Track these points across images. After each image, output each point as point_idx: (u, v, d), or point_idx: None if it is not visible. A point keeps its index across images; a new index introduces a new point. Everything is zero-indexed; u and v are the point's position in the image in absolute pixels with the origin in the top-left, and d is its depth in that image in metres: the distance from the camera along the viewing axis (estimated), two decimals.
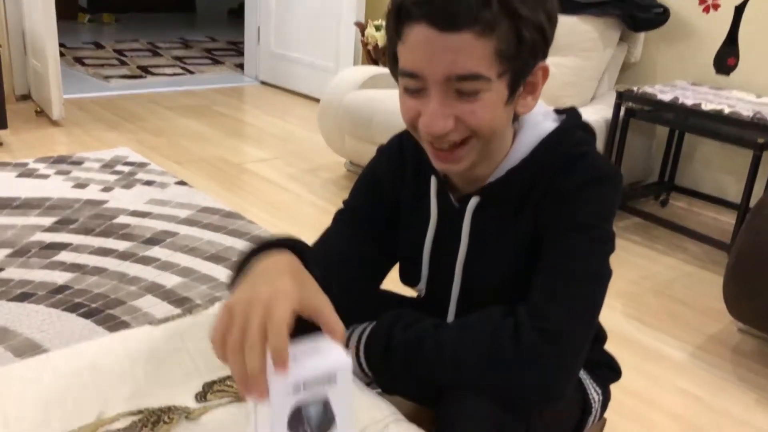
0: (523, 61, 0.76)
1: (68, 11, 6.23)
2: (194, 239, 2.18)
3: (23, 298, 1.76)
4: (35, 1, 3.12)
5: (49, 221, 2.22)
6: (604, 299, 0.82)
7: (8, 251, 2.00)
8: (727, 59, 2.60)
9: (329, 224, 0.97)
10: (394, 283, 1.02)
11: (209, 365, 0.84)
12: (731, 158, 2.67)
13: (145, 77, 4.48)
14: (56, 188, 2.49)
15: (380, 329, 0.85)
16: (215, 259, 2.06)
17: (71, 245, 2.07)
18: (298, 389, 0.58)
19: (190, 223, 2.30)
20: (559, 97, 2.52)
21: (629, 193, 2.71)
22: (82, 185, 2.54)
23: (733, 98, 2.37)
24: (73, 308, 1.72)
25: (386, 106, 2.49)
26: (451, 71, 0.74)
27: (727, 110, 2.18)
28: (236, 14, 6.84)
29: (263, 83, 4.60)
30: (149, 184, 2.61)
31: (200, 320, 0.93)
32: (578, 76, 2.60)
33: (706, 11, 2.65)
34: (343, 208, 0.98)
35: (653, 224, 2.55)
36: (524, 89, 0.80)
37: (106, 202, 2.41)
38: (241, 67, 4.95)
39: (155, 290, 1.84)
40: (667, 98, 2.33)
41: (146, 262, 2.00)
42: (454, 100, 0.76)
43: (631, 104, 2.45)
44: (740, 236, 1.65)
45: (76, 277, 1.88)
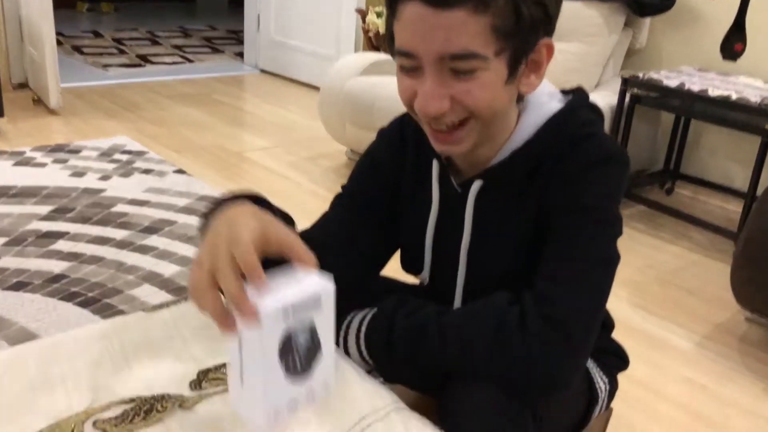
0: (522, 38, 0.73)
1: (67, 0, 6.19)
2: (193, 228, 2.15)
3: (19, 287, 1.73)
4: None
5: (46, 210, 2.19)
6: (611, 284, 0.79)
7: (4, 240, 1.97)
8: (734, 45, 2.55)
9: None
10: (395, 271, 0.99)
11: (204, 353, 0.82)
12: (738, 145, 2.63)
13: (144, 66, 4.45)
14: (53, 177, 2.47)
15: (381, 316, 0.83)
16: None
17: (68, 234, 2.04)
18: (287, 315, 0.57)
19: (188, 211, 2.27)
20: (563, 83, 2.44)
21: (634, 181, 2.68)
22: (79, 174, 2.52)
23: (740, 84, 2.33)
24: (69, 297, 1.70)
25: (388, 92, 2.46)
26: (444, 50, 0.71)
27: (734, 96, 2.14)
28: (236, 2, 6.79)
29: (263, 71, 4.57)
30: (147, 172, 2.59)
31: (195, 307, 0.91)
32: (583, 62, 2.56)
33: None
34: (341, 192, 0.95)
35: (658, 212, 2.52)
36: (527, 68, 0.77)
37: (103, 190, 2.38)
38: (240, 55, 4.91)
39: (153, 279, 1.82)
40: (673, 84, 2.29)
41: (144, 251, 1.98)
42: (449, 79, 0.73)
43: (636, 90, 2.41)
44: (748, 224, 1.62)
45: (72, 266, 1.86)
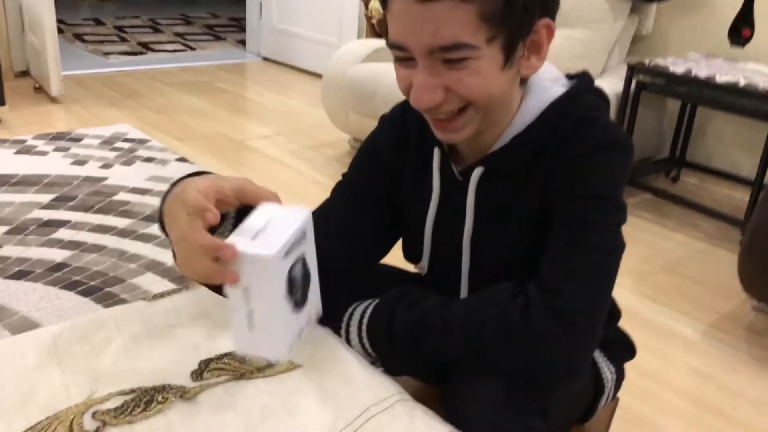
0: (515, 22, 0.71)
1: None
2: None
3: (21, 275, 1.72)
4: None
5: (47, 198, 2.18)
6: (617, 273, 0.77)
7: (6, 228, 1.96)
8: (742, 30, 2.52)
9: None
10: (399, 259, 0.98)
11: (206, 342, 0.81)
12: (744, 133, 2.60)
13: (145, 54, 4.42)
14: (55, 165, 2.45)
15: (383, 308, 0.81)
16: None
17: (70, 222, 2.03)
18: (288, 254, 0.58)
19: None
20: (568, 69, 2.43)
21: (639, 169, 2.65)
22: (81, 162, 2.50)
23: (748, 70, 2.30)
24: (71, 286, 1.69)
25: (390, 79, 2.43)
26: (434, 43, 0.70)
27: (742, 82, 2.11)
28: None
29: (265, 59, 4.53)
30: (149, 160, 2.57)
31: (196, 296, 0.89)
32: (588, 48, 2.52)
33: None
34: (342, 179, 0.94)
35: (664, 200, 2.50)
36: (527, 50, 0.75)
37: (105, 179, 2.37)
38: (242, 43, 4.88)
39: (155, 268, 1.81)
40: (679, 70, 2.26)
41: (146, 239, 1.96)
42: (442, 69, 0.72)
43: (642, 77, 2.38)
44: (756, 212, 1.60)
45: (74, 254, 1.85)
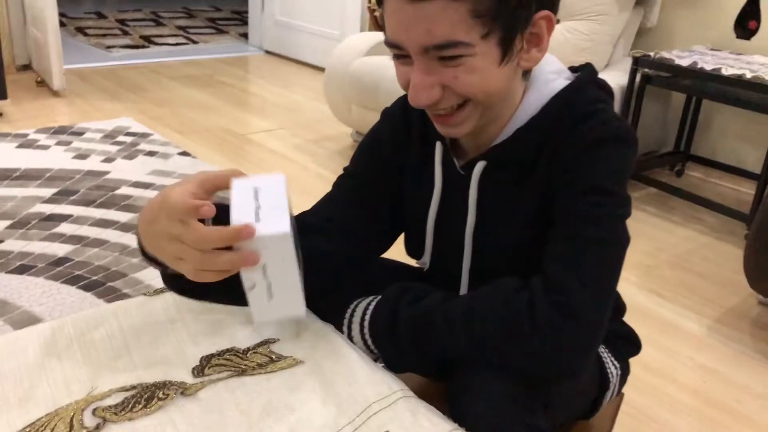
0: (510, 17, 0.70)
1: None
2: None
3: (23, 270, 1.72)
4: None
5: (49, 192, 2.17)
6: (621, 267, 0.76)
7: (8, 223, 1.96)
8: (748, 23, 2.49)
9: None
10: (401, 254, 0.97)
11: (207, 338, 0.80)
12: (750, 126, 2.59)
13: (147, 47, 4.41)
14: (57, 159, 2.45)
15: (385, 304, 0.81)
16: None
17: (72, 217, 2.02)
18: (291, 223, 0.63)
19: None
20: (572, 62, 2.42)
21: (644, 163, 2.63)
22: (83, 156, 2.50)
23: (755, 63, 2.27)
24: (73, 281, 1.69)
25: (393, 72, 2.39)
26: (427, 42, 0.69)
27: (749, 75, 2.09)
28: None
29: (268, 52, 4.52)
30: (152, 154, 2.56)
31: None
32: (592, 41, 2.51)
33: None
34: (343, 173, 0.93)
35: (669, 195, 2.48)
36: (527, 43, 0.74)
37: (107, 173, 2.36)
38: (245, 36, 4.86)
39: None
40: (685, 63, 2.24)
41: None
42: (437, 66, 0.72)
43: (647, 70, 2.36)
44: (762, 206, 1.59)
45: (76, 249, 1.84)
